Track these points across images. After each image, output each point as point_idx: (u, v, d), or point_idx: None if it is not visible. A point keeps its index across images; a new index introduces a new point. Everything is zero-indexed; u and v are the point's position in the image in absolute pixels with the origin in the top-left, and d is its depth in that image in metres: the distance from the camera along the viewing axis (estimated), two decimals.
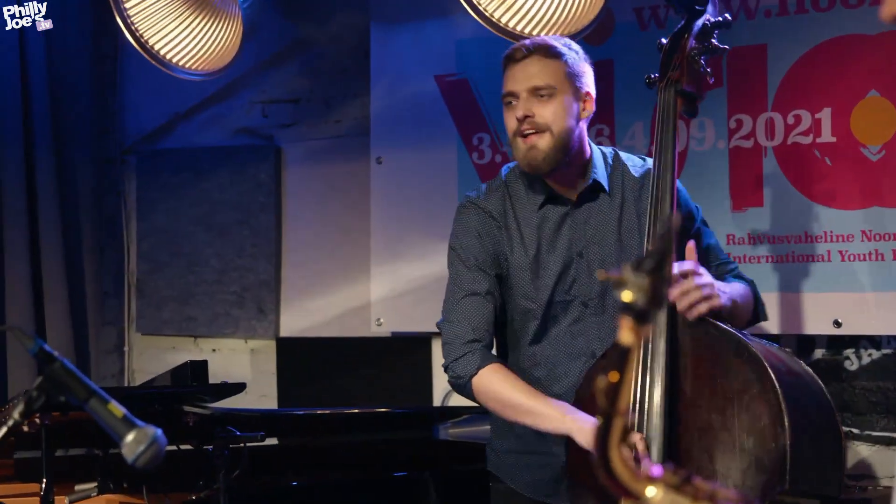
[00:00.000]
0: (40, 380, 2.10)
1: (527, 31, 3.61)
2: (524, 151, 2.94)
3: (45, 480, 3.28)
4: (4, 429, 2.10)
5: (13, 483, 3.69)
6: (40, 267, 5.20)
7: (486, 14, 3.69)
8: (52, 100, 5.21)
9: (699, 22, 2.90)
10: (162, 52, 4.21)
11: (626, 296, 1.20)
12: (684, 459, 2.65)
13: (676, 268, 2.71)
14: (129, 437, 2.03)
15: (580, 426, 2.74)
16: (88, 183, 5.37)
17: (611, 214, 3.01)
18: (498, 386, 2.89)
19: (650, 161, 3.05)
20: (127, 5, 4.16)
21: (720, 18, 2.92)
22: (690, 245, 2.77)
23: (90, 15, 5.34)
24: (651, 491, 1.29)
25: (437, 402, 4.67)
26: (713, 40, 2.91)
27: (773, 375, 2.58)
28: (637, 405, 2.67)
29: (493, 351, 3.02)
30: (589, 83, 3.01)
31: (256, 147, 5.12)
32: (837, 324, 3.84)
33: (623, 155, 3.11)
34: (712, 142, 4.01)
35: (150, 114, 5.39)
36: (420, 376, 4.72)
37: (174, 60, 4.23)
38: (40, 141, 5.18)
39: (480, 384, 2.90)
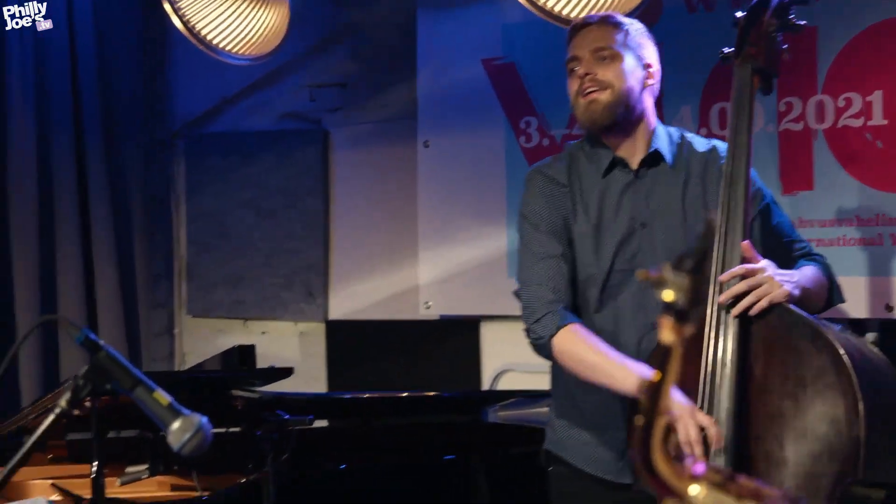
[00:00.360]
0: (86, 368, 2.12)
1: (573, 14, 3.59)
2: (584, 107, 2.94)
3: (95, 462, 3.30)
4: (52, 416, 2.12)
5: (66, 464, 3.73)
6: (91, 250, 5.24)
7: None
8: (101, 85, 5.25)
9: None
10: (209, 37, 4.22)
11: (667, 295, 1.19)
12: (753, 445, 2.61)
13: (727, 275, 2.68)
14: (175, 425, 2.05)
15: None
16: (137, 166, 5.40)
17: (675, 187, 2.99)
18: (577, 346, 2.88)
19: (714, 140, 3.06)
20: None
21: None
22: (745, 244, 2.72)
23: (138, 0, 5.37)
24: (694, 489, 1.27)
25: (485, 385, 4.68)
26: (791, 16, 2.85)
27: (848, 363, 2.53)
28: (707, 387, 2.64)
29: None
30: (651, 56, 3.01)
31: (304, 131, 5.13)
32: (889, 308, 3.80)
33: (688, 134, 3.09)
34: (762, 125, 3.96)
35: (197, 98, 5.41)
36: (468, 359, 4.72)
37: (221, 45, 4.23)
38: (90, 125, 5.22)
39: (560, 344, 2.89)
